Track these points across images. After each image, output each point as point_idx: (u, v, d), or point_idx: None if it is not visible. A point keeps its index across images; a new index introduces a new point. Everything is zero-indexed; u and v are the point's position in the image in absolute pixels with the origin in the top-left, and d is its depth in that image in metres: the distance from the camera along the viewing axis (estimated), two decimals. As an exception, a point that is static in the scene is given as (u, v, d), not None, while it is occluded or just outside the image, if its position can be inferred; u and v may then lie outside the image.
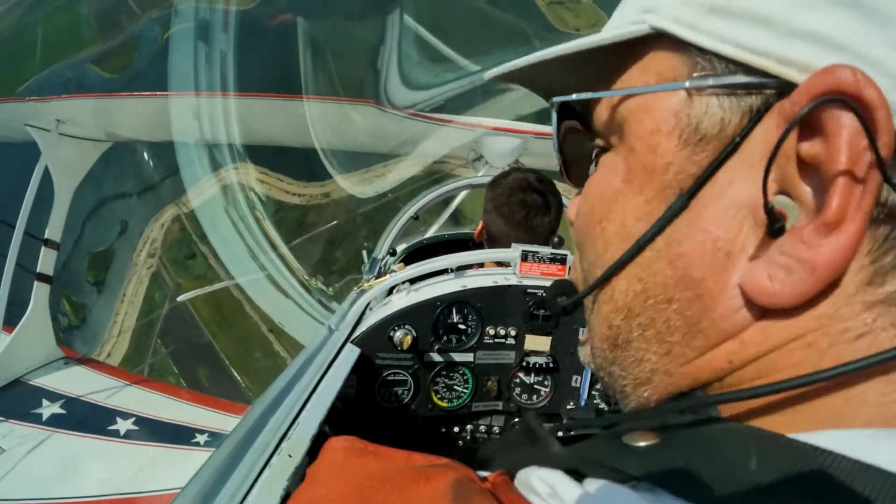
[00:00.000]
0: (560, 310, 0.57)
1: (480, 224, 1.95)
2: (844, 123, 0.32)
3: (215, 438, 2.87)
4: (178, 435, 2.90)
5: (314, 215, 20.30)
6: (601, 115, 0.48)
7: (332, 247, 19.58)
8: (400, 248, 3.05)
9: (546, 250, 1.56)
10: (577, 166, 0.59)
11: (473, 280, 1.58)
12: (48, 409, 2.93)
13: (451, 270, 1.71)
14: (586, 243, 0.51)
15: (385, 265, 2.66)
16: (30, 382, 3.13)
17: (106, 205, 20.47)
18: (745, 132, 0.37)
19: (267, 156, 19.20)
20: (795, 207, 0.35)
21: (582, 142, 0.56)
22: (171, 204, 20.81)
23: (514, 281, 1.56)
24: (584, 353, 0.54)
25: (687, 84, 0.40)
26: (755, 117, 0.37)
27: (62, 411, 2.94)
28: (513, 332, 1.59)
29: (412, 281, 1.67)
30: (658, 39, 0.42)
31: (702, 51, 0.39)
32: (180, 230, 20.67)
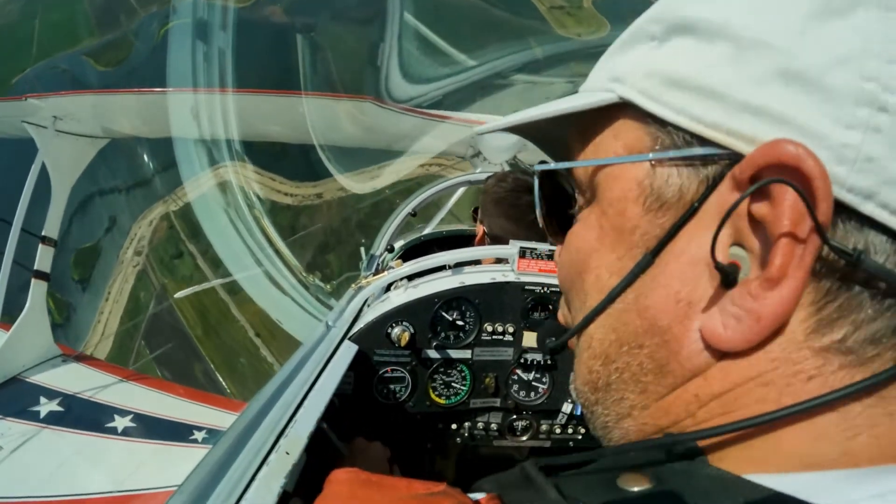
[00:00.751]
0: (549, 350, 0.63)
1: (480, 230, 1.94)
2: (787, 192, 0.36)
3: (213, 435, 2.86)
4: (176, 432, 2.89)
5: (312, 212, 20.19)
6: (579, 177, 0.54)
7: (330, 244, 19.49)
8: (398, 244, 3.05)
9: (544, 247, 1.56)
10: (555, 218, 0.65)
11: (471, 277, 1.57)
12: (45, 406, 2.93)
13: (449, 267, 1.71)
14: (569, 291, 0.56)
15: (383, 262, 2.66)
16: (27, 380, 3.12)
17: (93, 201, 20.17)
18: (701, 198, 0.42)
19: (265, 152, 19.08)
20: (747, 259, 0.40)
21: (560, 195, 0.62)
22: (161, 201, 20.59)
23: (512, 278, 1.56)
24: (573, 391, 0.58)
25: (650, 156, 0.45)
26: (711, 185, 0.42)
27: (60, 409, 2.94)
28: (511, 329, 1.59)
29: (410, 277, 1.66)
30: (626, 106, 0.47)
31: (663, 122, 0.44)
32: (168, 228, 20.45)
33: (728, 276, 0.39)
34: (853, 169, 0.36)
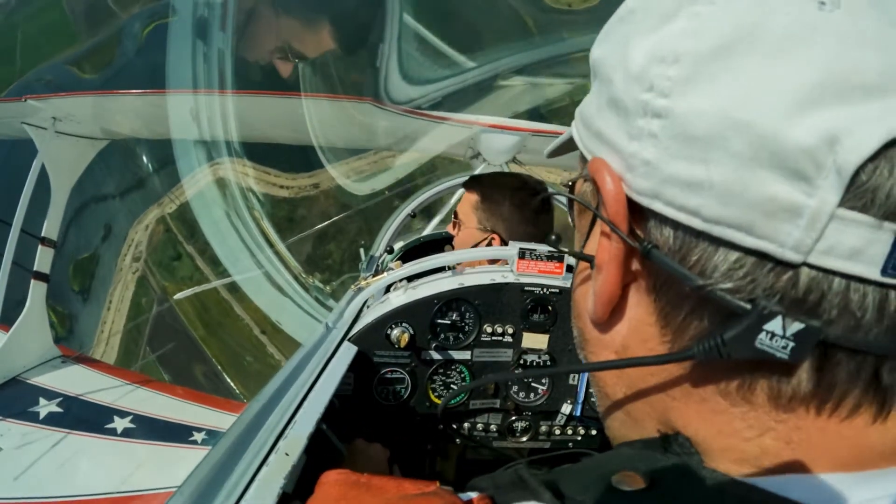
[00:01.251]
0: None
1: (471, 227, 1.95)
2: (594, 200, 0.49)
3: (212, 436, 2.86)
4: (176, 433, 2.89)
5: (311, 213, 20.10)
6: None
7: (329, 244, 19.39)
8: (397, 245, 3.05)
9: (543, 248, 1.56)
10: None
11: (471, 278, 1.58)
12: (45, 407, 2.93)
13: (449, 268, 1.71)
14: None
15: (382, 263, 2.66)
16: (27, 381, 3.12)
17: (87, 208, 19.94)
18: (597, 206, 0.49)
19: (264, 154, 19.01)
20: None
21: None
22: (156, 204, 20.39)
23: (511, 279, 1.56)
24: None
25: (576, 177, 0.56)
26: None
27: (59, 410, 2.94)
28: (510, 330, 1.59)
29: (409, 279, 1.66)
30: None
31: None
32: (165, 231, 20.29)
33: (590, 264, 0.50)
34: (636, 174, 0.42)
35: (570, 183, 0.58)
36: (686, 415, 0.46)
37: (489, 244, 1.91)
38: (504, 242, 1.89)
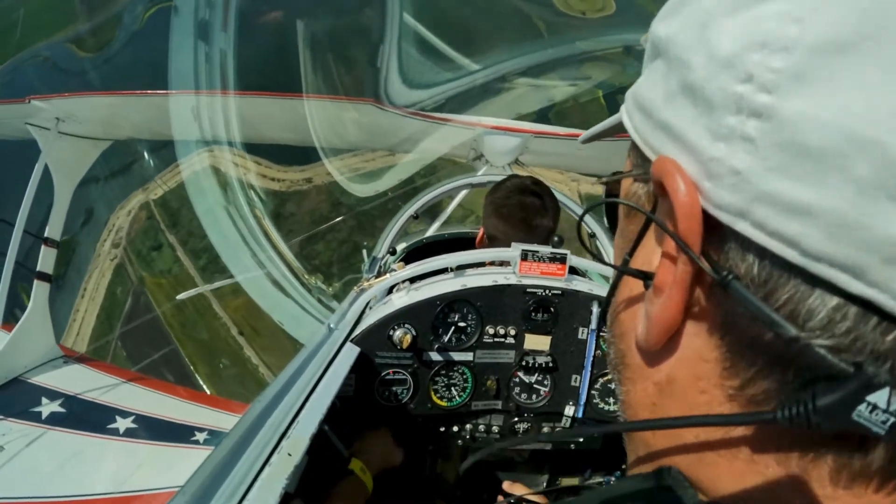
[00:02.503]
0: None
1: (481, 231, 1.96)
2: (663, 207, 0.39)
3: (215, 437, 2.87)
4: (178, 433, 2.89)
5: (316, 214, 19.96)
6: None
7: (332, 245, 19.27)
8: (400, 247, 3.05)
9: (546, 250, 1.56)
10: None
11: (473, 279, 1.58)
12: (47, 407, 2.93)
13: (451, 269, 1.71)
14: None
15: (385, 264, 2.66)
16: (29, 381, 3.13)
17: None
18: (652, 211, 0.43)
19: (265, 154, 18.93)
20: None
21: None
22: (141, 190, 19.85)
23: (513, 280, 1.56)
24: None
25: (624, 174, 0.49)
26: (655, 200, 0.43)
27: (61, 409, 2.94)
28: (512, 332, 1.59)
29: (412, 280, 1.67)
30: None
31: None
32: (148, 219, 19.67)
33: (644, 282, 0.42)
34: (720, 185, 0.34)
35: (609, 181, 0.50)
36: (721, 471, 0.39)
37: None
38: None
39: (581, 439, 1.74)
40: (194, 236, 17.31)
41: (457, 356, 1.59)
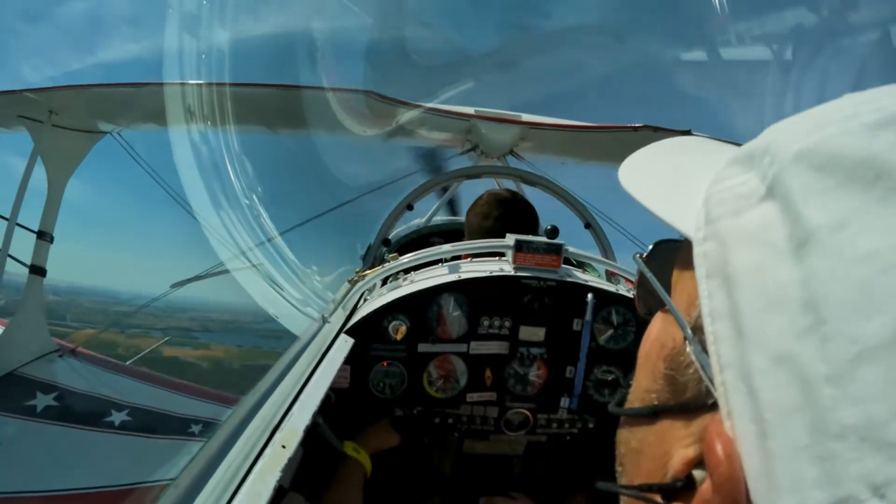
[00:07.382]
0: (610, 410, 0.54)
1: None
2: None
3: (209, 429, 2.87)
4: (173, 426, 2.90)
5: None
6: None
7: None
8: (394, 238, 3.04)
9: (541, 240, 1.56)
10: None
11: (468, 270, 1.57)
12: (42, 401, 2.93)
13: (446, 261, 1.70)
14: (639, 367, 0.49)
15: (379, 255, 2.65)
16: (24, 375, 3.12)
17: None
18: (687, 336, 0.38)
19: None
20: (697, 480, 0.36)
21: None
22: None
23: (508, 271, 1.55)
24: None
25: (686, 337, 0.39)
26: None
27: (56, 404, 2.93)
28: (507, 323, 1.58)
29: (406, 271, 1.66)
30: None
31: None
32: None
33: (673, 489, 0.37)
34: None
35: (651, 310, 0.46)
36: None
37: None
38: None
39: (576, 431, 1.74)
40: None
41: (451, 347, 1.59)
